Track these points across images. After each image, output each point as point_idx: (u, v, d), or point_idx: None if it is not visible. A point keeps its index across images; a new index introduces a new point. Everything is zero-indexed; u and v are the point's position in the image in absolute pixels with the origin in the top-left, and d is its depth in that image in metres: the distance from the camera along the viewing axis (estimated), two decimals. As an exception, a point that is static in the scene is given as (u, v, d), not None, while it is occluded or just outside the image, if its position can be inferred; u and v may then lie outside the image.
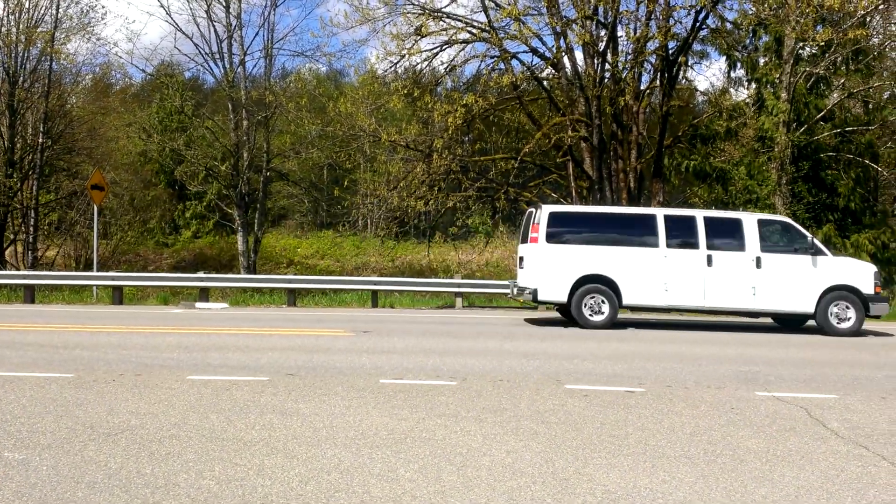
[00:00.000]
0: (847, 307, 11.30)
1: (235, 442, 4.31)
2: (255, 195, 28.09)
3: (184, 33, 26.75)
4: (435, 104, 19.21)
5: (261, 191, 28.24)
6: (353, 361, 7.41)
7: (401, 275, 30.57)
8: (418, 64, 20.74)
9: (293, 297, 17.14)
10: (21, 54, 24.83)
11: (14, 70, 24.65)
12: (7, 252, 25.62)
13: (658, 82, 20.42)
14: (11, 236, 26.02)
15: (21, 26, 24.34)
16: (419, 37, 19.43)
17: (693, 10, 18.30)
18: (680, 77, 21.12)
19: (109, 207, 31.55)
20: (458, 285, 17.30)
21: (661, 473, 3.90)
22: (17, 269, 23.92)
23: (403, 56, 19.84)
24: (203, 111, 29.59)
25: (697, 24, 18.82)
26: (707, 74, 51.07)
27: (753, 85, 23.60)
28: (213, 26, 26.37)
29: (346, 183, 29.77)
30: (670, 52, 19.53)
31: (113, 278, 17.22)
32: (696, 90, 27.10)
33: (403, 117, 23.59)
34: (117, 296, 16.88)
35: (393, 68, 20.63)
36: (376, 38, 41.41)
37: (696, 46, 22.69)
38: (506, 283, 17.34)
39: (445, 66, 21.71)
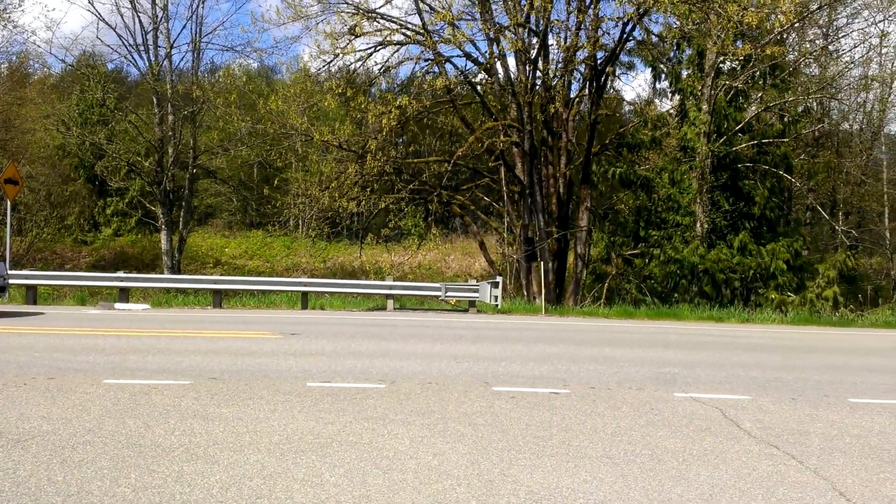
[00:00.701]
0: None
1: (153, 448, 4.18)
2: (180, 192, 27.27)
3: (107, 23, 25.69)
4: (369, 105, 19.14)
5: (186, 188, 27.45)
6: (279, 364, 7.29)
7: (332, 276, 30.27)
8: (352, 64, 20.65)
9: (219, 298, 16.72)
10: (-73, 40, 23.38)
11: (-81, 56, 23.18)
12: None
13: (587, 91, 20.95)
14: (-88, 232, 24.39)
15: (-73, 11, 22.91)
16: (353, 36, 19.33)
17: (621, 22, 18.90)
18: (608, 87, 21.77)
19: (24, 202, 30.02)
20: (390, 287, 17.26)
21: (583, 473, 4.00)
22: (-81, 267, 22.41)
23: (337, 55, 19.70)
24: (126, 104, 28.52)
25: (625, 35, 19.45)
26: (633, 85, 52.97)
27: (677, 96, 24.51)
28: (138, 17, 25.49)
29: (276, 182, 29.22)
30: (599, 62, 20.09)
31: (26, 276, 16.39)
32: (623, 100, 28.02)
33: (337, 117, 23.39)
34: (31, 295, 16.08)
35: (326, 67, 20.46)
36: (309, 35, 40.93)
37: (624, 57, 23.43)
38: (437, 285, 17.41)
39: (380, 66, 21.72)
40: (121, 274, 16.96)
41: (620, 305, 18.80)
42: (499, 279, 16.89)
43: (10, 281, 16.49)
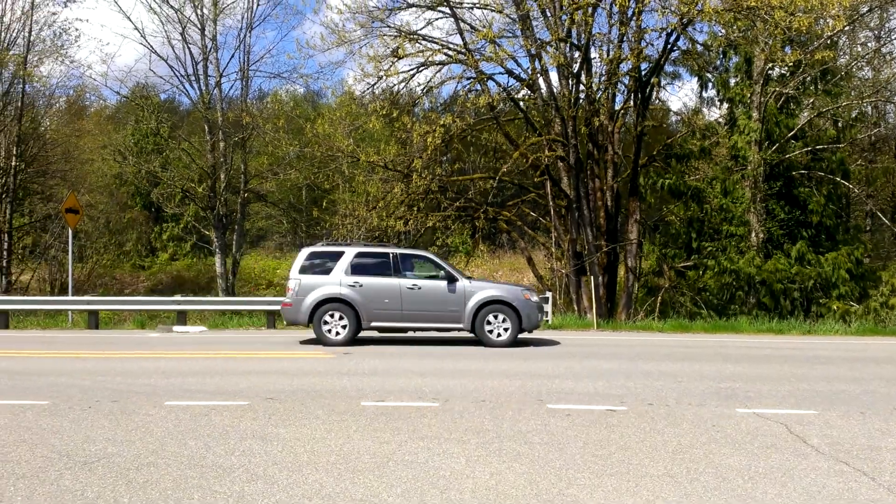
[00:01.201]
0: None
1: (215, 469, 4.24)
2: (232, 216, 27.91)
3: (159, 55, 26.59)
4: (413, 125, 19.30)
5: (238, 212, 28.07)
6: (334, 384, 7.35)
7: (380, 295, 30.37)
8: (395, 85, 20.87)
9: (272, 319, 16.98)
10: (-8, 77, 24.60)
11: (-14, 93, 24.40)
12: (-22, 277, 25.13)
13: (632, 103, 20.73)
14: (-17, 261, 25.53)
15: (-8, 49, 24.13)
16: (396, 59, 19.56)
17: (664, 33, 18.68)
18: (653, 97, 21.48)
19: (85, 230, 31.14)
20: (439, 305, 17.21)
21: (644, 493, 3.91)
22: (-11, 295, 23.43)
23: (381, 77, 19.95)
24: (179, 133, 29.43)
25: (669, 45, 19.21)
26: (680, 95, 52.19)
27: (725, 104, 24.05)
28: (189, 48, 26.33)
29: (324, 203, 29.65)
30: (643, 73, 19.87)
31: (89, 302, 16.94)
32: (670, 110, 27.61)
33: (381, 138, 23.66)
34: (93, 320, 16.61)
35: (370, 89, 20.72)
36: (353, 59, 41.71)
37: (669, 67, 23.12)
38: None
39: (422, 87, 21.86)
40: (178, 297, 17.38)
41: (675, 319, 18.39)
42: (548, 294, 16.73)
43: (75, 307, 17.11)
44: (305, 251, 12.62)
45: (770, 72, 21.32)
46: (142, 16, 69.38)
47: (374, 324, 11.88)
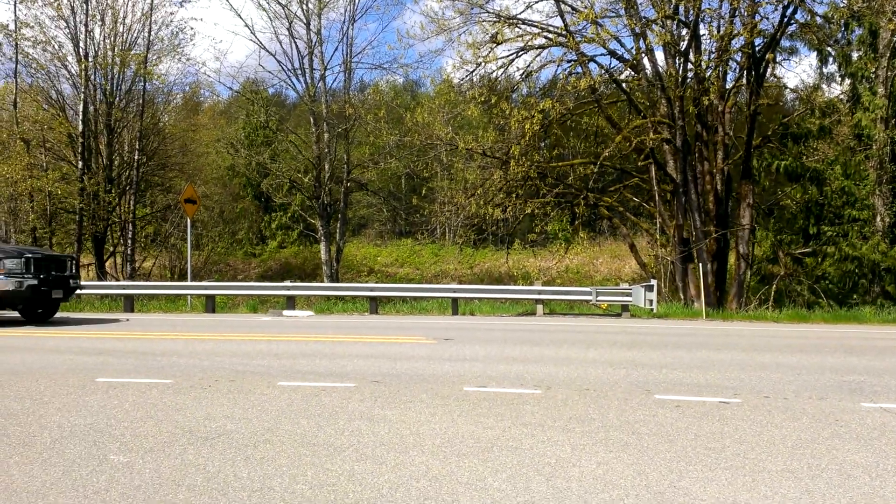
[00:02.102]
0: None
1: (326, 447, 4.39)
2: (336, 205, 28.77)
3: (267, 51, 27.78)
4: (511, 111, 19.17)
5: (342, 201, 28.90)
6: (435, 369, 7.43)
7: (480, 282, 30.61)
8: (494, 71, 20.79)
9: (375, 304, 17.41)
10: (117, 76, 26.34)
11: (111, 91, 26.17)
12: (107, 264, 27.18)
13: (744, 80, 19.71)
14: (111, 249, 27.58)
15: (116, 49, 25.82)
16: (495, 44, 19.47)
17: (780, 5, 17.61)
18: (768, 74, 20.31)
19: (201, 220, 33.01)
20: (539, 292, 17.13)
21: (762, 488, 3.72)
22: (118, 280, 25.32)
23: (479, 64, 19.93)
24: (287, 125, 30.59)
25: (785, 19, 18.11)
26: (797, 71, 49.14)
27: (847, 80, 22.41)
28: (295, 43, 27.26)
29: (423, 191, 30.06)
30: (757, 48, 18.82)
31: (206, 287, 17.96)
32: (786, 87, 26.01)
33: (480, 125, 23.66)
34: (210, 304, 17.60)
35: (469, 77, 20.75)
36: (452, 47, 41.76)
37: (785, 42, 21.79)
38: (587, 289, 17.06)
39: (521, 72, 21.68)
40: (287, 283, 18.14)
41: (791, 308, 17.41)
42: (653, 282, 16.24)
43: (193, 292, 18.18)
44: None
45: (898, 43, 19.68)
46: (251, 13, 72.45)
47: None
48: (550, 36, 19.71)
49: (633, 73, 20.12)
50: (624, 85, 20.66)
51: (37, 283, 12.54)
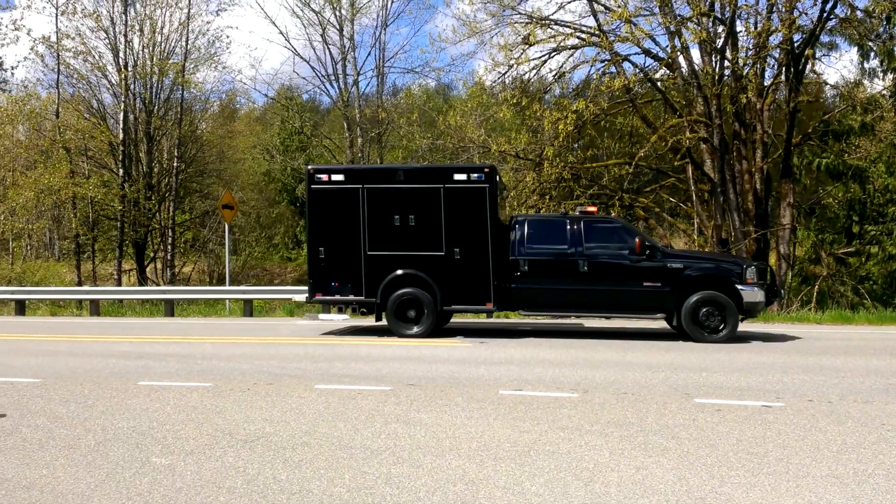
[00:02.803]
0: None
1: (363, 450, 4.41)
2: (369, 210, 28.87)
3: (301, 57, 28.10)
4: (544, 112, 19.06)
5: (375, 205, 29.00)
6: (471, 372, 7.42)
7: (514, 285, 30.37)
8: (526, 73, 20.68)
9: (409, 308, 17.42)
10: (155, 85, 26.90)
11: (150, 100, 26.73)
12: (148, 269, 27.75)
13: (783, 77, 19.27)
14: (151, 254, 28.16)
15: (154, 59, 26.37)
16: (527, 46, 19.39)
17: (819, 0, 17.19)
18: (807, 71, 19.85)
19: (238, 225, 33.50)
20: (574, 295, 16.92)
21: (806, 494, 3.63)
22: (158, 285, 25.83)
23: (511, 66, 19.86)
24: (321, 131, 30.88)
25: (824, 14, 17.68)
26: (837, 67, 47.98)
27: (890, 75, 21.75)
28: (329, 49, 27.54)
29: (457, 195, 29.77)
30: (795, 45, 18.40)
31: (243, 292, 18.20)
32: (826, 83, 25.35)
33: (512, 127, 23.59)
34: (248, 308, 17.83)
35: (501, 79, 20.69)
36: (483, 50, 41.72)
37: (824, 38, 21.24)
38: (623, 291, 16.82)
39: (554, 73, 21.52)
40: (321, 287, 18.25)
41: (835, 310, 16.96)
42: (690, 284, 15.93)
43: (232, 296, 18.45)
44: None
45: (945, 36, 19.09)
46: (286, 20, 73.41)
47: None
48: (583, 36, 19.55)
49: (668, 71, 19.84)
50: (659, 84, 20.38)
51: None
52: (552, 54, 20.08)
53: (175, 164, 27.59)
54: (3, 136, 26.35)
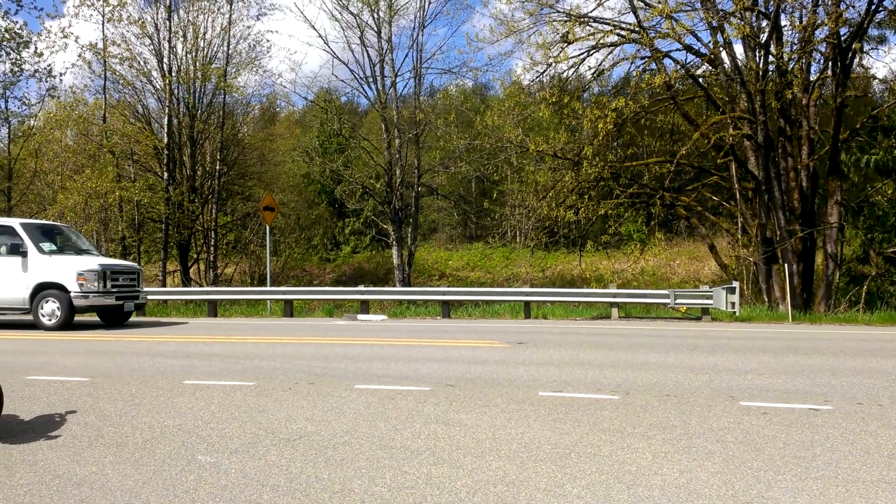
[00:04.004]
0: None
1: (403, 450, 4.43)
2: (407, 210, 29.08)
3: (340, 60, 28.28)
4: (583, 110, 18.91)
5: (413, 206, 29.19)
6: (510, 373, 7.39)
7: (552, 285, 30.30)
8: (564, 71, 20.57)
9: (447, 308, 17.49)
10: (198, 90, 27.46)
11: (193, 104, 27.30)
12: (191, 270, 28.34)
13: (830, 72, 18.80)
14: (195, 255, 28.75)
15: (197, 64, 26.92)
16: (565, 44, 19.26)
17: (867, -8, 16.72)
18: (854, 65, 19.32)
19: (278, 227, 33.98)
20: (614, 295, 16.81)
21: (856, 499, 3.53)
22: (201, 286, 26.35)
23: (549, 65, 19.76)
24: (359, 132, 31.13)
25: (873, 6, 17.19)
26: (886, 60, 46.36)
27: (944, 67, 21.04)
28: (367, 51, 27.74)
29: (494, 195, 29.98)
30: (842, 38, 17.93)
31: (284, 293, 18.47)
32: (875, 78, 24.68)
33: (550, 126, 23.45)
34: (288, 309, 18.09)
35: (539, 78, 20.61)
36: (521, 49, 41.57)
37: (873, 31, 20.67)
38: (665, 292, 16.64)
39: (592, 71, 21.36)
40: (361, 288, 18.45)
41: (884, 311, 16.46)
42: (735, 284, 15.67)
43: (273, 297, 18.72)
44: None
45: None
46: (325, 24, 74.16)
47: None
48: (623, 33, 19.35)
49: (710, 67, 19.51)
50: (701, 80, 20.06)
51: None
52: (591, 52, 19.94)
53: (217, 167, 28.12)
54: (53, 141, 27.20)
